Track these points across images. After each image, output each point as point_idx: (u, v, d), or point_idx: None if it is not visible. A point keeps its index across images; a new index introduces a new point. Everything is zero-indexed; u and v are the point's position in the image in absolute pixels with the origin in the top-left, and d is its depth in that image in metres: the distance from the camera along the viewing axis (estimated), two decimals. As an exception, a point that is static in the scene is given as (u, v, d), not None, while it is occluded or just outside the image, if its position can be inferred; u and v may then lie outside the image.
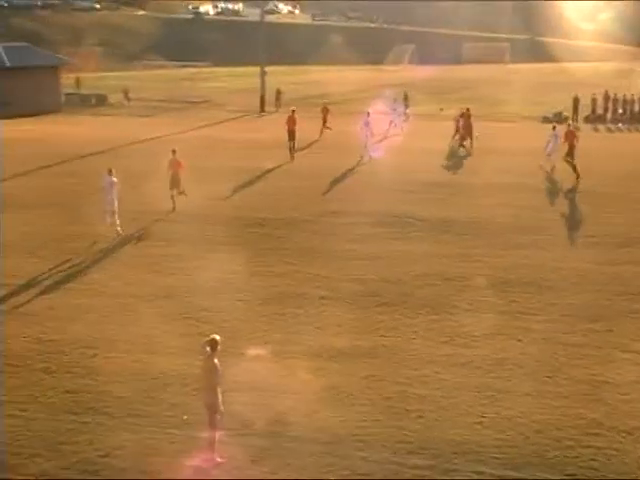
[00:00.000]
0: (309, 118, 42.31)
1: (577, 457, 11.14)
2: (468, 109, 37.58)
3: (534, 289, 18.00)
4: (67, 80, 60.16)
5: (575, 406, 12.59)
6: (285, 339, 15.30)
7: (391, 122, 39.47)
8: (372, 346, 14.95)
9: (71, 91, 59.67)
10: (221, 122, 46.54)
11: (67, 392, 13.00)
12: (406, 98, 46.68)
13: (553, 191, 27.90)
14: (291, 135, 34.78)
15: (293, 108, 36.65)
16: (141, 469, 10.94)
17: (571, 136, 30.03)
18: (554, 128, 31.82)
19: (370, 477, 10.75)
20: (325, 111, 39.62)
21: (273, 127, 41.21)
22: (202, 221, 23.84)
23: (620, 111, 49.60)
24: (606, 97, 49.63)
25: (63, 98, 57.79)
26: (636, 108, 49.63)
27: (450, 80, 61.89)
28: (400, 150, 35.85)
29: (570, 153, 29.67)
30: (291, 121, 35.04)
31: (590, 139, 42.91)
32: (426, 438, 11.66)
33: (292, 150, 34.72)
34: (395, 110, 40.68)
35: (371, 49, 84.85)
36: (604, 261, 19.99)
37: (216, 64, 69.98)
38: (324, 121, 39.23)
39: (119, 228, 22.27)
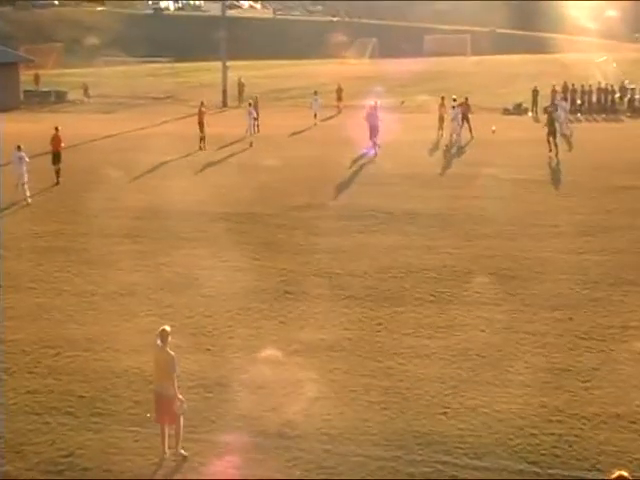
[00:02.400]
0: (275, 112, 42.44)
1: (539, 444, 11.26)
2: (467, 99, 38.93)
3: (497, 279, 18.15)
4: (26, 77, 59.38)
5: (537, 394, 12.72)
6: (249, 334, 15.27)
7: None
8: (336, 339, 14.97)
9: (30, 88, 58.88)
10: (183, 117, 46.24)
11: (28, 392, 12.86)
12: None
13: (515, 181, 28.12)
14: (201, 127, 35.59)
15: (202, 100, 37.77)
16: (105, 468, 10.85)
17: (465, 108, 36.51)
18: (453, 108, 35.63)
19: (335, 470, 10.76)
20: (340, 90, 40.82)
21: (235, 121, 41.06)
22: (165, 217, 23.70)
23: (579, 102, 50.16)
24: (565, 88, 50.15)
25: (22, 95, 57.02)
26: (594, 99, 50.25)
27: (412, 73, 62.03)
28: (364, 143, 35.89)
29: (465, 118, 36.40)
30: (201, 114, 35.90)
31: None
32: (390, 430, 11.71)
33: (203, 140, 35.54)
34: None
35: (333, 43, 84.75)
36: (566, 250, 20.21)
37: (178, 60, 69.41)
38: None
39: (29, 199, 25.27)
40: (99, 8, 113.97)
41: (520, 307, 16.49)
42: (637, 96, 50.21)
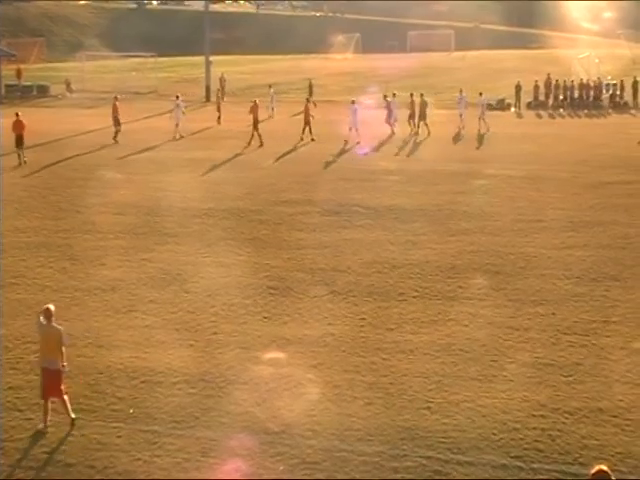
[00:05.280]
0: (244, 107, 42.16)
1: (522, 439, 11.31)
2: (422, 94, 39.00)
3: (481, 274, 18.20)
4: (8, 71, 58.89)
5: (520, 389, 12.77)
6: (233, 330, 15.23)
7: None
8: (320, 335, 14.97)
9: (12, 82, 58.41)
10: (166, 112, 46.03)
11: (10, 388, 12.77)
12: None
13: (500, 177, 28.22)
14: (116, 122, 36.06)
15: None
16: (88, 464, 10.79)
17: (306, 110, 36.54)
18: (353, 102, 35.93)
19: (319, 466, 10.76)
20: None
21: (236, 117, 40.99)
22: (149, 213, 23.60)
23: (561, 97, 50.41)
24: (547, 83, 50.39)
25: (3, 90, 56.55)
26: (576, 94, 50.51)
27: (395, 68, 62.09)
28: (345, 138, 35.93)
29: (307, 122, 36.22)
30: (115, 109, 36.40)
31: (533, 125, 43.64)
32: (374, 425, 11.72)
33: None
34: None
35: (317, 38, 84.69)
36: (550, 245, 20.29)
37: (161, 54, 69.08)
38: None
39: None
40: (82, 2, 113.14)
41: (504, 302, 16.55)
42: (618, 92, 50.53)
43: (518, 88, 49.44)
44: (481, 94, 40.17)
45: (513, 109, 49.63)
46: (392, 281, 17.84)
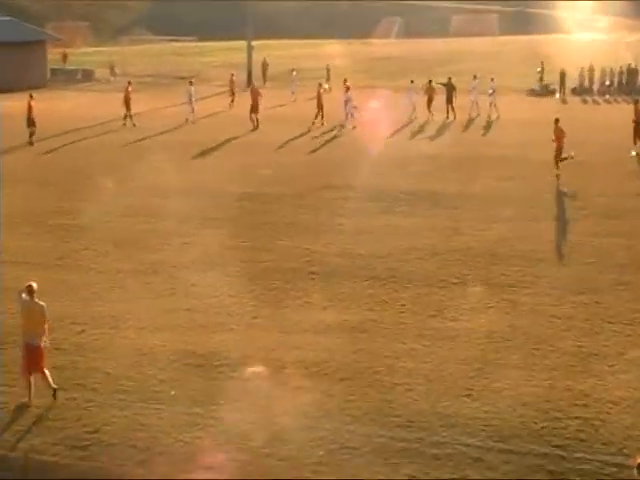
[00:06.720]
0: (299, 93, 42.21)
1: (564, 428, 11.19)
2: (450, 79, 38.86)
3: (523, 262, 18.00)
4: (54, 55, 59.58)
5: (562, 378, 12.62)
6: (274, 314, 15.28)
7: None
8: (360, 320, 14.95)
9: (57, 66, 59.09)
10: (209, 97, 46.20)
11: (55, 368, 12.91)
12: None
13: (542, 162, 27.83)
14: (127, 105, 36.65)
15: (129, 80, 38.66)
16: (130, 444, 10.92)
17: (318, 95, 36.31)
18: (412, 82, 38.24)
19: (358, 451, 10.75)
20: (431, 90, 38.34)
21: (263, 101, 40.89)
22: (190, 196, 23.73)
23: (607, 83, 49.56)
24: (591, 69, 49.58)
25: (49, 73, 57.23)
26: (622, 79, 49.61)
27: (438, 53, 61.57)
28: (382, 123, 35.76)
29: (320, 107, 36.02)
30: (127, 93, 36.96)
31: (578, 111, 42.95)
32: (414, 411, 11.68)
33: (128, 116, 36.37)
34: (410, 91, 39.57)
35: (359, 23, 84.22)
36: (593, 233, 20.00)
37: (203, 39, 69.29)
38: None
39: None
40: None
41: (546, 290, 16.36)
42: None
43: (563, 74, 48.70)
44: (492, 79, 39.48)
45: (557, 95, 48.90)
46: (432, 267, 17.74)
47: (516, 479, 10.14)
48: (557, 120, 26.10)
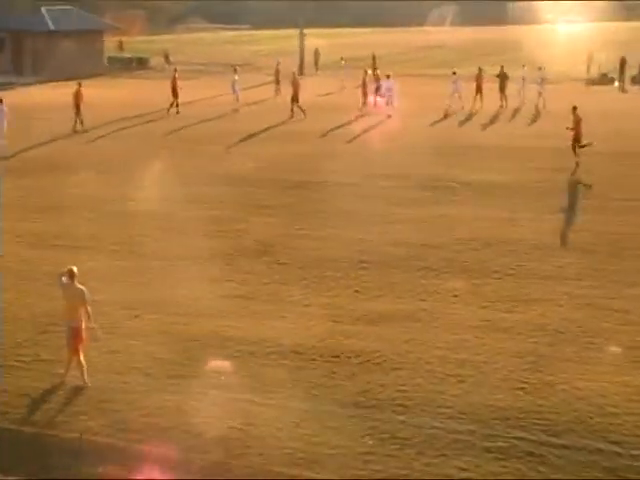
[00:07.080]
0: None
1: (621, 424, 10.98)
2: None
3: (578, 254, 17.72)
4: (110, 43, 60.37)
5: (619, 373, 12.39)
6: (325, 302, 15.28)
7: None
8: (413, 310, 14.87)
9: (113, 54, 59.89)
10: (260, 85, 46.35)
11: (110, 352, 13.14)
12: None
13: (599, 154, 27.27)
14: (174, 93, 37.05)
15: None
16: (183, 429, 11.03)
17: (364, 82, 37.08)
18: (454, 73, 37.00)
19: (409, 442, 10.71)
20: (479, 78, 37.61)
21: (312, 90, 40.92)
22: (244, 184, 23.84)
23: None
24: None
25: (105, 61, 58.05)
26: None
27: (494, 41, 60.77)
28: (435, 113, 35.47)
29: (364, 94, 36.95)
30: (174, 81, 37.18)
31: (637, 100, 42.01)
32: (466, 403, 11.58)
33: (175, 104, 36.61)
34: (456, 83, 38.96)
35: (414, 10, 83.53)
36: (651, 226, 19.59)
37: (256, 27, 69.57)
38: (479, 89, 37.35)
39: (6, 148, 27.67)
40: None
41: (602, 283, 16.07)
42: None
43: (623, 62, 47.63)
44: (540, 68, 38.34)
45: (616, 84, 47.89)
46: (486, 258, 17.55)
47: (570, 475, 10.00)
48: (575, 107, 25.58)
